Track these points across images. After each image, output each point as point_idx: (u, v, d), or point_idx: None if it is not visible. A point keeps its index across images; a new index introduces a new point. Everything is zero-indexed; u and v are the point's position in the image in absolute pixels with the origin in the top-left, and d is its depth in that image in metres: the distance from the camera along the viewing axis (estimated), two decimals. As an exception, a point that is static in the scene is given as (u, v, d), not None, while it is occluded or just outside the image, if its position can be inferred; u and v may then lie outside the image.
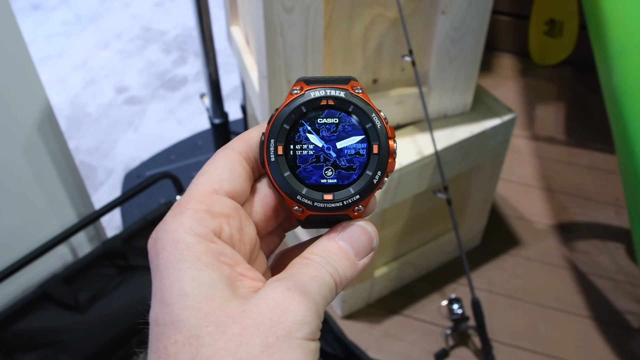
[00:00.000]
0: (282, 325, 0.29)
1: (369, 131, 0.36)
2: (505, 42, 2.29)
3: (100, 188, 1.90)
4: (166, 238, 0.32)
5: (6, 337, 1.10)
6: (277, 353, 0.28)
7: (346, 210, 0.36)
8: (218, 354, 0.28)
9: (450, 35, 1.15)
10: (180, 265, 0.30)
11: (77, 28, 2.74)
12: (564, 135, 1.97)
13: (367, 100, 0.36)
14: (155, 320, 0.30)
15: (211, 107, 1.74)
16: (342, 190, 0.36)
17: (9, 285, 1.17)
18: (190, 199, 0.33)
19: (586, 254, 1.63)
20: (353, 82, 0.37)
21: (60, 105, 2.23)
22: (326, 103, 0.36)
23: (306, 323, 0.30)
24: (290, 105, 0.36)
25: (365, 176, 0.36)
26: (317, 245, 0.35)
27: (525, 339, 1.44)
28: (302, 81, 0.36)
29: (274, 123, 0.36)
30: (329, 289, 0.33)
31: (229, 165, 0.35)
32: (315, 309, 0.31)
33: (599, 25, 1.11)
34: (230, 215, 0.34)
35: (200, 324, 0.29)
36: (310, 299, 0.31)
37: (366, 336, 1.44)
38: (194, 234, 0.31)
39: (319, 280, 0.33)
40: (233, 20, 1.46)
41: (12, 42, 1.06)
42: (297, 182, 0.36)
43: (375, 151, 0.36)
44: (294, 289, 0.31)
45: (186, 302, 0.29)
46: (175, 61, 2.48)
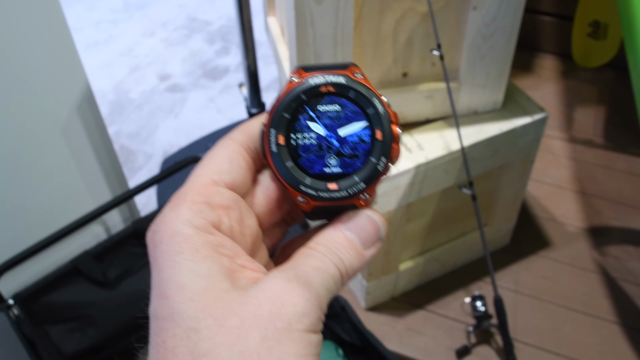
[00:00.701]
0: (281, 317, 0.28)
1: (372, 117, 0.35)
2: (547, 43, 2.26)
3: (138, 172, 1.95)
4: (164, 230, 0.31)
5: (37, 309, 1.14)
6: (276, 345, 0.28)
7: (352, 200, 0.35)
8: (216, 347, 0.27)
9: (482, 31, 1.15)
10: (177, 258, 0.30)
11: (125, 16, 2.81)
12: (602, 139, 1.95)
13: (368, 85, 0.35)
14: (154, 314, 0.30)
15: (249, 97, 1.77)
16: (346, 179, 0.35)
17: (43, 260, 1.22)
18: (189, 191, 0.33)
19: (617, 259, 1.61)
20: (352, 67, 0.36)
21: (104, 91, 2.29)
22: (326, 90, 0.35)
23: (306, 315, 0.29)
24: (290, 94, 0.35)
25: (370, 163, 0.35)
26: (323, 235, 0.34)
27: (550, 341, 1.43)
28: (301, 69, 0.36)
29: (275, 113, 0.35)
30: (334, 280, 0.32)
31: (228, 156, 0.35)
32: (317, 301, 0.30)
33: (631, 31, 1.10)
34: (229, 207, 0.33)
35: (199, 317, 0.28)
36: (311, 290, 0.30)
37: (388, 329, 1.45)
38: (192, 225, 0.31)
39: (322, 271, 0.32)
40: (270, 10, 1.49)
41: (57, 28, 1.11)
42: (300, 172, 0.35)
43: (379, 137, 0.35)
44: (295, 280, 0.30)
45: (184, 294, 0.29)
46: (218, 51, 2.52)
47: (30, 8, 1.04)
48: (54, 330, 1.15)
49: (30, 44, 1.07)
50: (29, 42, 1.06)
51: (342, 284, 0.33)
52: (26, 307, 1.13)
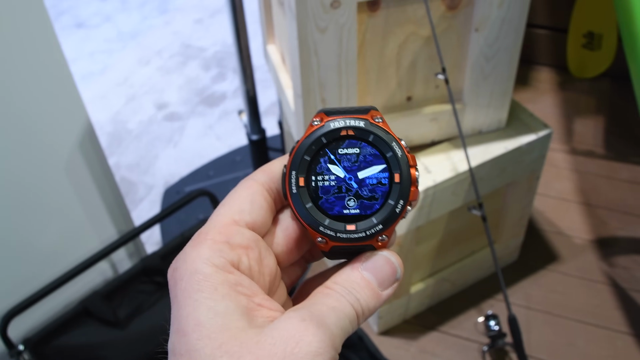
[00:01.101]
0: (295, 356, 0.29)
1: (390, 160, 0.36)
2: (543, 56, 2.27)
3: (140, 204, 1.94)
4: (184, 268, 0.32)
5: (48, 353, 1.13)
6: None
7: (370, 241, 0.36)
8: None
9: (484, 52, 1.15)
10: (197, 296, 0.31)
11: (119, 45, 2.81)
12: (603, 149, 1.95)
13: (388, 129, 0.36)
14: (172, 350, 0.30)
15: (249, 124, 1.76)
16: (364, 220, 0.36)
17: (51, 301, 1.20)
18: (210, 230, 0.34)
19: (626, 270, 1.60)
20: (373, 111, 0.36)
21: (102, 122, 2.28)
22: (346, 133, 0.36)
23: (320, 354, 0.29)
24: (311, 137, 0.36)
25: (388, 205, 0.36)
26: (340, 275, 0.35)
27: (564, 356, 1.42)
28: (323, 112, 0.37)
29: (295, 155, 0.36)
30: (349, 320, 0.33)
31: (250, 197, 0.35)
32: (331, 341, 0.30)
33: (633, 40, 1.10)
34: (249, 246, 0.34)
35: (215, 354, 0.29)
36: (325, 330, 0.30)
37: (402, 352, 1.44)
38: (211, 264, 0.32)
39: (338, 311, 0.32)
40: (269, 39, 1.49)
41: (54, 62, 1.10)
42: (320, 213, 0.36)
43: (397, 180, 0.35)
44: (309, 320, 0.30)
45: (202, 332, 0.29)
46: (214, 77, 2.52)
47: (27, 43, 1.03)
48: (66, 373, 1.14)
49: (28, 80, 1.06)
50: (27, 79, 1.06)
51: (358, 323, 0.34)
52: (37, 352, 1.11)
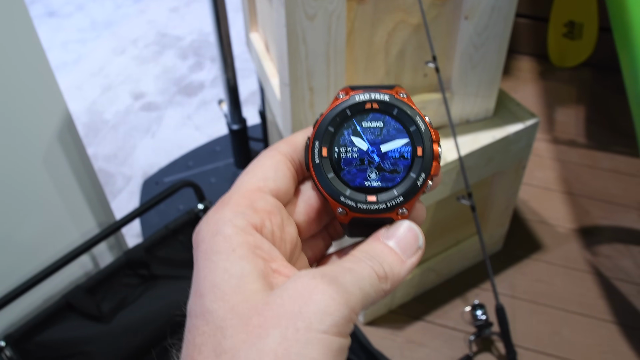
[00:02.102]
0: (302, 316, 0.28)
1: (414, 134, 0.36)
2: (524, 45, 2.27)
3: (118, 195, 1.90)
4: (207, 230, 0.32)
5: (30, 348, 1.10)
6: (295, 346, 0.27)
7: (390, 213, 0.36)
8: (237, 345, 0.27)
9: (473, 40, 1.14)
10: (214, 257, 0.30)
11: (92, 35, 2.75)
12: (585, 138, 1.96)
13: (412, 104, 0.36)
14: (190, 312, 0.30)
15: (229, 113, 1.73)
16: (385, 193, 0.36)
17: (31, 296, 1.17)
18: (234, 194, 0.34)
19: (609, 258, 1.61)
20: (398, 88, 0.37)
21: (77, 113, 2.23)
22: (371, 106, 0.36)
23: (329, 314, 0.28)
24: (336, 109, 0.36)
25: (409, 178, 0.35)
26: (362, 245, 0.35)
27: (549, 345, 1.42)
28: (349, 87, 0.37)
29: (320, 126, 0.36)
30: (370, 283, 0.31)
31: (274, 165, 0.35)
32: (344, 299, 0.29)
33: (625, 29, 1.10)
34: (272, 212, 0.34)
35: (226, 317, 0.28)
36: (337, 287, 0.29)
37: (389, 342, 1.43)
38: (233, 225, 0.31)
39: (355, 271, 0.31)
40: (252, 26, 1.46)
41: (31, 51, 1.06)
42: (341, 184, 0.36)
43: (419, 154, 0.35)
44: (320, 278, 0.29)
45: (216, 294, 0.29)
46: (192, 67, 2.48)
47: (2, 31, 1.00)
48: (49, 369, 1.11)
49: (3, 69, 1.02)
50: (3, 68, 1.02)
51: (384, 290, 0.33)
52: (19, 348, 1.08)
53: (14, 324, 1.17)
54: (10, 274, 1.15)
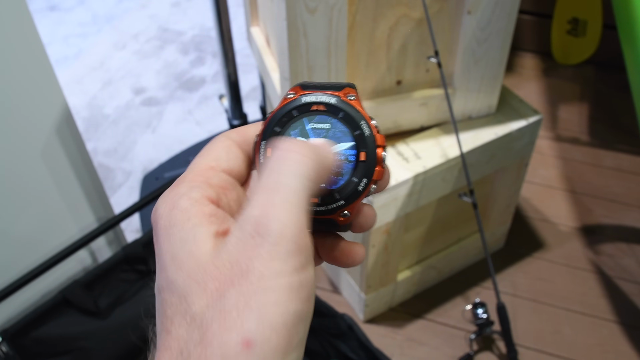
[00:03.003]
0: (252, 272, 0.28)
1: (358, 138, 0.36)
2: (527, 42, 2.26)
3: (118, 190, 1.89)
4: (163, 207, 0.32)
5: (27, 344, 1.09)
6: (253, 297, 0.27)
7: (331, 215, 0.36)
8: (202, 310, 0.28)
9: (476, 35, 1.12)
10: (172, 230, 0.31)
11: (94, 29, 2.74)
12: (588, 136, 1.94)
13: (359, 107, 0.36)
14: (157, 289, 0.31)
15: (230, 108, 1.72)
16: (328, 195, 0.36)
17: (28, 291, 1.16)
18: (188, 174, 0.34)
19: (611, 257, 1.60)
20: (348, 89, 0.37)
21: (77, 107, 2.22)
22: (317, 108, 0.36)
23: (277, 259, 0.28)
24: (283, 109, 0.37)
25: (351, 182, 0.35)
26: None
27: (550, 344, 1.41)
28: (299, 86, 0.37)
29: (267, 126, 0.36)
30: (294, 192, 0.30)
31: (225, 148, 0.36)
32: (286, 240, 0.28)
33: (630, 26, 1.08)
34: (227, 187, 0.34)
35: (186, 284, 0.29)
36: (275, 234, 0.28)
37: (389, 340, 1.42)
38: (188, 198, 0.32)
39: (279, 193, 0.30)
40: (253, 20, 1.45)
41: (30, 45, 1.05)
42: None
43: (362, 158, 0.35)
44: (257, 233, 0.29)
45: (176, 264, 0.30)
46: (193, 62, 2.47)
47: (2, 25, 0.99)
48: (45, 365, 1.10)
49: (3, 63, 1.01)
50: (2, 62, 1.01)
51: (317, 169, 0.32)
52: (15, 343, 1.07)
53: (11, 319, 1.16)
54: (7, 268, 1.14)
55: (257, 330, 0.27)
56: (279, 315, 0.27)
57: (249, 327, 0.27)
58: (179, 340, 0.28)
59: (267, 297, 0.27)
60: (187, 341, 0.28)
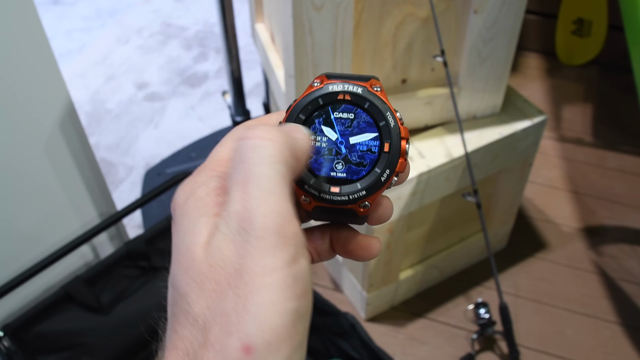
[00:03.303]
0: (245, 271, 0.27)
1: (382, 129, 0.36)
2: (532, 41, 2.25)
3: (120, 185, 1.89)
4: (182, 195, 0.32)
5: (28, 339, 1.09)
6: (250, 298, 0.27)
7: (352, 205, 0.35)
8: (204, 311, 0.28)
9: (482, 35, 1.12)
10: (182, 220, 0.30)
11: (97, 23, 2.73)
12: (592, 137, 1.94)
13: (384, 99, 0.36)
14: (171, 283, 0.30)
15: (233, 105, 1.72)
16: (349, 185, 0.35)
17: (30, 286, 1.16)
18: (209, 162, 0.34)
19: (614, 259, 1.59)
20: (373, 80, 0.36)
21: (80, 102, 2.22)
22: (343, 97, 0.36)
23: (268, 255, 0.27)
24: (308, 97, 0.36)
25: (374, 173, 0.35)
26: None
27: (552, 345, 1.41)
28: (324, 75, 0.37)
29: (291, 112, 0.36)
30: (267, 178, 0.29)
31: None
32: (266, 229, 0.28)
33: (638, 27, 1.08)
34: None
35: (184, 282, 0.29)
36: (261, 230, 0.28)
37: (390, 339, 1.42)
38: (205, 187, 0.31)
39: (252, 183, 0.29)
40: (258, 17, 1.44)
41: (34, 38, 1.05)
42: (307, 172, 0.36)
43: (386, 149, 0.35)
44: (240, 229, 0.28)
45: (176, 258, 0.29)
46: (196, 57, 2.46)
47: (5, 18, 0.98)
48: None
49: (6, 57, 1.01)
50: (6, 56, 1.01)
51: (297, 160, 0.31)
52: (17, 338, 1.07)
53: (13, 314, 1.16)
54: (10, 263, 1.14)
55: (256, 335, 0.26)
56: (276, 316, 0.27)
57: (248, 331, 0.26)
58: (184, 340, 0.28)
59: (263, 297, 0.27)
60: (192, 342, 0.28)
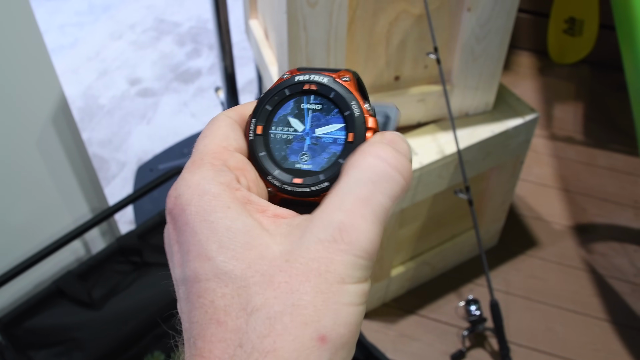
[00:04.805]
0: (332, 274, 0.28)
1: (347, 119, 0.35)
2: (523, 40, 2.26)
3: (112, 181, 1.89)
4: (190, 192, 0.31)
5: (19, 334, 1.08)
6: (332, 297, 0.28)
7: (315, 197, 0.34)
8: (269, 302, 0.28)
9: (475, 32, 1.12)
10: (211, 217, 0.30)
11: (90, 18, 2.73)
12: (582, 136, 1.95)
13: (352, 89, 0.35)
14: (194, 277, 0.29)
15: (226, 101, 1.72)
16: (312, 176, 0.35)
17: (21, 281, 1.16)
18: (205, 155, 0.33)
19: (604, 256, 1.61)
20: (343, 72, 0.36)
21: (72, 97, 2.21)
22: (309, 88, 0.36)
23: (358, 268, 0.29)
24: (275, 88, 0.36)
25: (337, 164, 0.34)
26: (355, 158, 0.32)
27: (542, 342, 1.42)
28: (295, 69, 0.37)
29: (258, 104, 0.36)
30: (389, 196, 0.30)
31: (230, 126, 0.35)
32: (366, 252, 0.29)
33: (629, 25, 1.09)
34: (244, 168, 0.34)
35: (246, 275, 0.28)
36: (359, 242, 0.29)
37: (381, 336, 1.42)
38: (218, 183, 0.31)
39: (372, 201, 0.30)
40: (252, 13, 1.44)
41: (28, 33, 1.05)
42: (271, 164, 0.35)
43: (350, 139, 0.34)
44: (341, 237, 0.29)
45: (227, 253, 0.29)
46: (189, 53, 2.46)
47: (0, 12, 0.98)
48: (38, 355, 1.09)
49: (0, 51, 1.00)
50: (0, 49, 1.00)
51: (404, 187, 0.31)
52: (8, 333, 1.07)
53: (3, 309, 1.15)
54: (1, 257, 1.13)
55: (332, 328, 0.28)
56: (352, 316, 0.28)
57: (326, 324, 0.27)
58: (237, 332, 0.28)
59: (344, 299, 0.28)
60: (248, 332, 0.28)
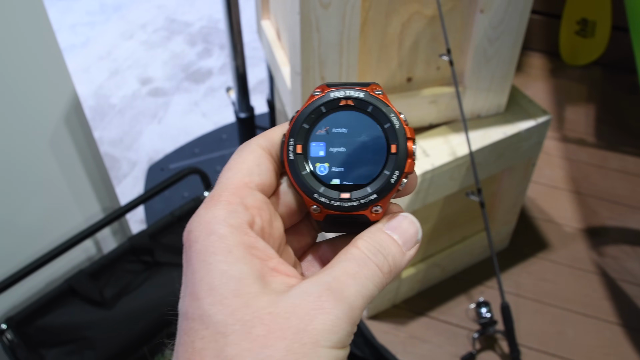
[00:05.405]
0: (309, 333, 0.28)
1: (388, 131, 0.35)
2: (535, 41, 2.25)
3: (123, 180, 1.89)
4: (199, 230, 0.31)
5: (31, 332, 1.09)
6: (302, 359, 0.28)
7: (363, 210, 0.35)
8: (242, 353, 0.27)
9: (488, 34, 1.12)
10: (211, 259, 0.30)
11: (101, 18, 2.74)
12: (594, 138, 1.94)
13: (387, 101, 0.36)
14: (185, 313, 0.30)
15: (237, 101, 1.72)
16: (359, 190, 0.35)
17: (34, 279, 1.16)
18: (224, 191, 0.33)
19: (615, 259, 1.60)
20: (374, 85, 0.37)
21: (84, 96, 2.22)
22: (345, 103, 0.36)
23: (335, 332, 0.29)
24: (311, 106, 0.36)
25: (383, 176, 0.35)
26: (365, 235, 0.34)
27: (553, 345, 1.41)
28: (325, 85, 0.37)
29: (295, 123, 0.36)
30: (374, 284, 0.32)
31: (256, 159, 0.35)
32: (348, 316, 0.30)
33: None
34: (261, 208, 0.34)
35: (227, 321, 0.28)
36: (343, 304, 0.30)
37: (391, 337, 1.42)
38: (227, 225, 0.31)
39: (360, 277, 0.32)
40: (264, 14, 1.44)
41: (41, 32, 1.05)
42: (315, 181, 0.36)
43: (393, 151, 0.35)
44: (326, 295, 0.30)
45: (215, 297, 0.29)
46: (200, 53, 2.46)
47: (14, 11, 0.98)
48: (50, 354, 1.10)
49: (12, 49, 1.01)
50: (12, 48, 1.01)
51: (385, 283, 0.33)
52: (20, 331, 1.07)
53: (16, 307, 1.16)
54: (13, 256, 1.14)
55: None
56: None
57: None
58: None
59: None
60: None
